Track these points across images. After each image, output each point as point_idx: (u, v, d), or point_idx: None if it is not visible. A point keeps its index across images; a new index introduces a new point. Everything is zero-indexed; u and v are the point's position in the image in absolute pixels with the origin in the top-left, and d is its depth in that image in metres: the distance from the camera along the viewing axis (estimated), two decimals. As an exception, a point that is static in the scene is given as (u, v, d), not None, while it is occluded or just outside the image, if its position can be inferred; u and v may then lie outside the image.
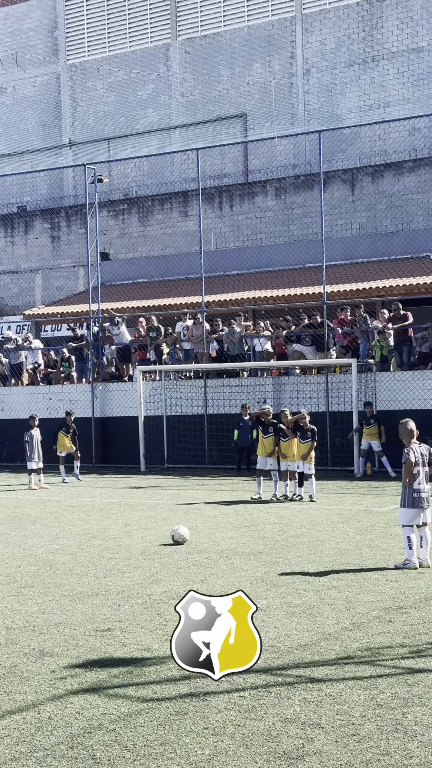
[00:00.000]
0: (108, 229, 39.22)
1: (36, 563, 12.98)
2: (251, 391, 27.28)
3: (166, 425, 28.00)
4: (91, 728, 6.61)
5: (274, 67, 39.39)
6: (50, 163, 44.02)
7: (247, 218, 37.51)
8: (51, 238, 41.78)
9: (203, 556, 13.08)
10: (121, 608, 10.08)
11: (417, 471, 12.02)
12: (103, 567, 12.54)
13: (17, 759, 6.09)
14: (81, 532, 15.93)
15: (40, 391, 31.02)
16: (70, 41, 44.43)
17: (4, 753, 6.20)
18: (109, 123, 43.21)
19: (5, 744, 6.36)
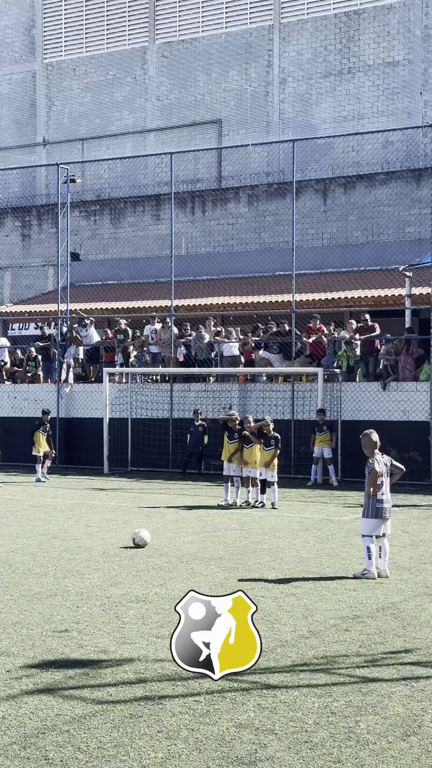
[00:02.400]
0: (79, 230, 39.12)
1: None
2: (217, 397, 27.33)
3: (131, 428, 27.98)
4: (45, 729, 6.60)
5: (251, 74, 39.52)
6: (23, 161, 43.85)
7: (218, 224, 37.60)
8: (21, 236, 41.63)
9: (163, 560, 13.09)
10: (80, 610, 10.06)
11: (381, 481, 12.10)
12: (62, 568, 12.51)
13: (-31, 758, 6.07)
14: (42, 532, 15.87)
15: (5, 390, 30.88)
16: (47, 40, 44.32)
17: None
18: (84, 123, 43.13)
19: (-42, 743, 6.33)
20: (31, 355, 31.08)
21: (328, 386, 25.53)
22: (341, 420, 25.26)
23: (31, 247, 41.35)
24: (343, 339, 26.25)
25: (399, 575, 12.17)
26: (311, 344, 26.86)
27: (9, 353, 32.62)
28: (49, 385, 30.35)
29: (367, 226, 34.99)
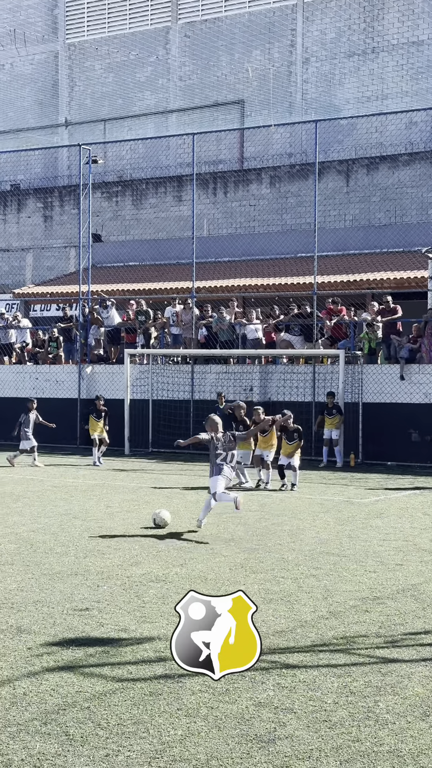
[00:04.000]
0: (101, 211, 39.13)
1: (17, 541, 13.00)
2: (238, 379, 27.32)
3: (152, 409, 28.02)
4: (66, 705, 6.65)
5: (274, 54, 39.29)
6: (45, 141, 43.84)
7: (240, 205, 37.48)
8: (43, 217, 41.67)
9: (184, 541, 13.12)
10: (100, 589, 10.11)
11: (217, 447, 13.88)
12: (83, 547, 12.57)
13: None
14: (63, 512, 15.95)
15: (27, 371, 30.99)
16: (69, 20, 44.20)
17: (-23, 727, 6.23)
18: (106, 104, 43.05)
19: (-21, 718, 6.39)
20: (52, 336, 31.16)
21: (350, 368, 25.46)
22: (362, 402, 25.21)
23: (52, 229, 41.39)
24: (365, 321, 26.16)
25: (420, 557, 12.16)
26: (332, 326, 26.78)
27: (31, 334, 32.71)
28: (70, 366, 30.44)
29: (390, 208, 34.79)
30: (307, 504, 17.29)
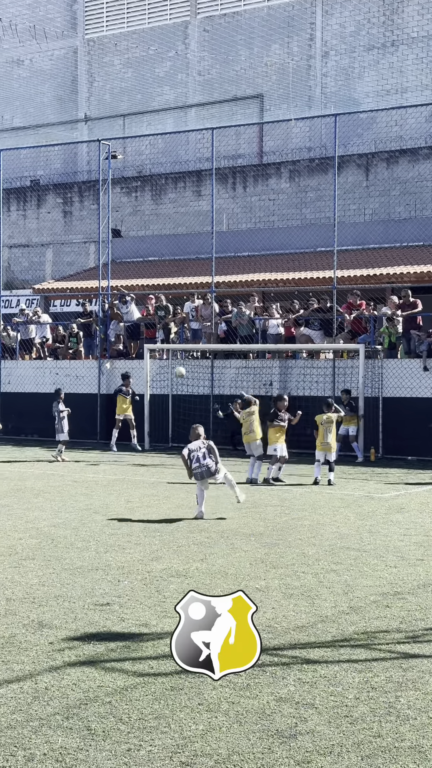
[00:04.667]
0: (120, 206, 39.16)
1: (38, 536, 13.05)
2: (258, 374, 27.31)
3: (171, 404, 28.04)
4: (87, 700, 6.68)
5: (293, 48, 39.19)
6: (65, 137, 43.91)
7: (260, 200, 37.42)
8: (63, 212, 41.74)
9: (204, 536, 13.14)
10: (121, 584, 10.14)
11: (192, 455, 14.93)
12: (104, 542, 12.61)
13: (13, 727, 6.16)
14: (83, 507, 16.00)
15: (48, 366, 31.08)
16: (88, 15, 44.23)
17: (0, 721, 6.27)
18: (125, 99, 43.07)
19: (1, 712, 6.43)
20: (72, 331, 31.23)
21: (370, 363, 25.39)
22: (382, 397, 25.15)
23: (72, 224, 41.45)
24: (385, 315, 26.08)
25: (440, 552, 12.13)
26: (352, 321, 26.72)
27: (51, 330, 32.80)
28: (90, 361, 30.50)
29: (410, 202, 34.64)
30: (328, 499, 17.27)
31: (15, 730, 6.12)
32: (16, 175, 42.40)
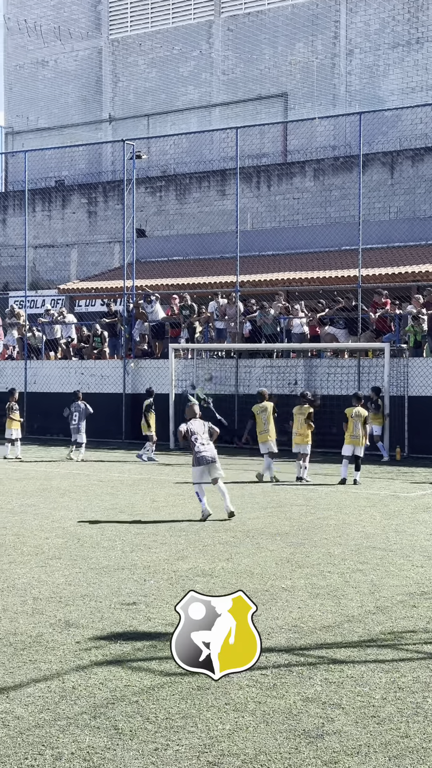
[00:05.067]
0: (145, 206, 39.22)
1: (64, 535, 13.09)
2: (283, 373, 27.28)
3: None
4: (114, 699, 6.69)
5: (317, 46, 39.10)
6: (89, 137, 44.04)
7: (284, 199, 37.37)
8: (88, 213, 41.86)
9: (230, 535, 13.14)
10: (147, 583, 10.16)
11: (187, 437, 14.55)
12: (129, 542, 12.63)
13: (41, 726, 6.19)
14: (109, 506, 16.04)
15: (73, 366, 31.19)
16: (113, 16, 44.34)
17: (28, 720, 6.30)
18: (149, 99, 43.14)
19: (29, 711, 6.46)
20: (97, 331, 31.33)
21: (395, 362, 25.30)
22: (408, 396, 25.05)
23: (97, 224, 41.56)
24: (410, 314, 25.97)
25: (467, 552, 12.07)
26: (377, 319, 26.63)
27: (76, 330, 32.91)
28: (115, 361, 30.58)
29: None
30: (353, 498, 17.23)
31: (43, 729, 6.14)
32: (41, 176, 42.59)
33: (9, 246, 42.77)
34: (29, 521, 14.36)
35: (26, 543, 12.51)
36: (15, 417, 25.10)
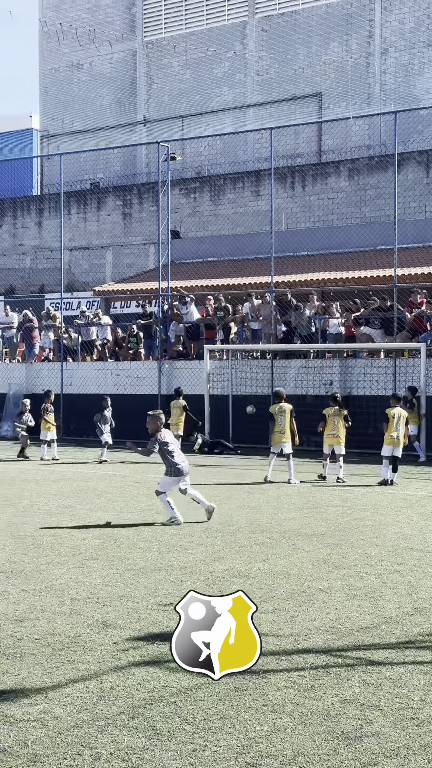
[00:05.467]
0: (179, 207, 39.30)
1: (100, 536, 13.14)
2: (318, 373, 27.20)
3: (231, 404, 28.05)
4: (152, 700, 6.71)
5: (352, 46, 38.97)
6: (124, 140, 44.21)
7: (319, 199, 37.29)
8: (123, 215, 42.01)
9: (266, 536, 13.13)
10: (184, 584, 10.17)
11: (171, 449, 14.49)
12: (166, 543, 12.65)
13: (79, 726, 6.22)
14: (145, 507, 16.08)
15: (108, 367, 31.30)
16: (147, 18, 44.47)
17: (66, 720, 6.33)
18: (184, 101, 43.22)
19: (68, 711, 6.49)
20: (132, 332, 31.42)
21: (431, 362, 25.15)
22: (445, 396, 24.89)
23: (132, 226, 41.71)
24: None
25: None
26: (413, 319, 26.49)
27: (111, 331, 33.03)
28: (150, 362, 30.65)
29: (472, 198, 34.27)
30: (390, 499, 17.14)
31: (81, 729, 6.17)
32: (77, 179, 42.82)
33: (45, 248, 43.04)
34: (66, 522, 14.44)
35: (63, 544, 12.57)
36: (50, 419, 25.27)
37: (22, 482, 19.88)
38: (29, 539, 12.91)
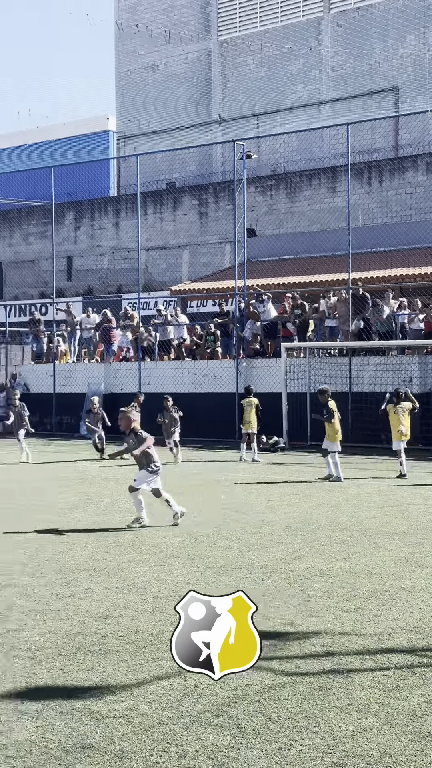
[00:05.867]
0: (255, 206, 39.27)
1: (181, 534, 13.20)
2: (397, 370, 26.93)
3: (309, 402, 27.92)
4: (236, 698, 6.71)
5: (429, 39, 38.49)
6: (199, 139, 44.35)
7: (396, 194, 36.92)
8: (198, 214, 42.15)
9: (346, 534, 13.04)
10: (264, 582, 10.15)
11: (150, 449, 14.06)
12: (246, 541, 12.65)
13: (165, 723, 6.25)
14: (224, 505, 16.10)
15: (185, 366, 31.43)
16: (222, 17, 44.53)
17: (152, 717, 6.36)
18: (259, 98, 43.17)
19: (153, 708, 6.53)
20: (209, 331, 31.50)
21: None
22: None
23: (208, 225, 41.82)
24: None
25: None
26: None
27: (188, 330, 33.16)
28: (227, 360, 30.69)
29: None
30: (472, 497, 16.89)
31: (167, 726, 6.20)
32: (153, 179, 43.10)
33: (122, 249, 43.42)
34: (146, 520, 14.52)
35: (144, 542, 12.65)
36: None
37: (103, 481, 20.09)
38: (111, 537, 13.03)
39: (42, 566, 11.10)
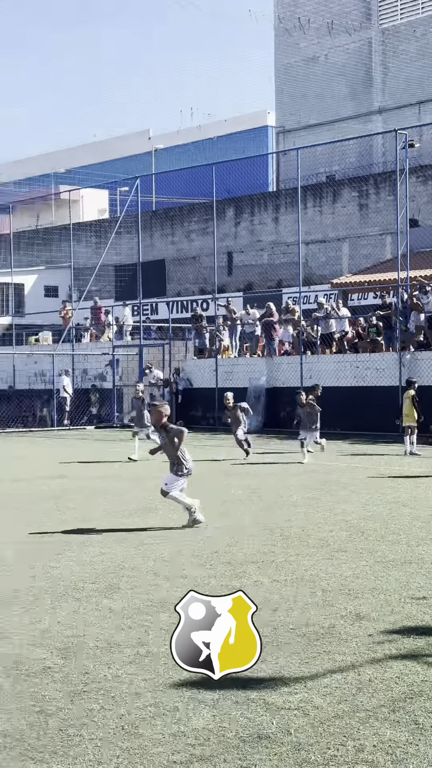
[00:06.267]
0: (416, 195, 38.59)
1: (347, 529, 13.10)
2: None
3: None
4: (412, 694, 6.59)
5: None
6: (359, 130, 43.93)
7: None
8: (358, 206, 41.75)
9: None
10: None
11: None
12: (414, 535, 12.45)
13: (341, 717, 6.20)
14: (391, 500, 15.89)
15: (347, 360, 31.19)
16: (383, 4, 43.94)
17: (327, 710, 6.33)
18: (420, 86, 42.39)
19: (328, 702, 6.49)
20: (371, 324, 31.17)
21: None
22: None
23: (368, 217, 41.37)
24: None
25: None
26: None
27: (350, 323, 32.90)
28: (390, 353, 30.27)
29: None
30: None
31: (343, 720, 6.15)
32: (312, 172, 42.96)
33: (281, 243, 43.45)
34: (312, 514, 14.49)
35: (311, 536, 12.62)
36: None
37: (267, 475, 20.19)
38: (278, 531, 13.06)
39: (211, 558, 11.22)
